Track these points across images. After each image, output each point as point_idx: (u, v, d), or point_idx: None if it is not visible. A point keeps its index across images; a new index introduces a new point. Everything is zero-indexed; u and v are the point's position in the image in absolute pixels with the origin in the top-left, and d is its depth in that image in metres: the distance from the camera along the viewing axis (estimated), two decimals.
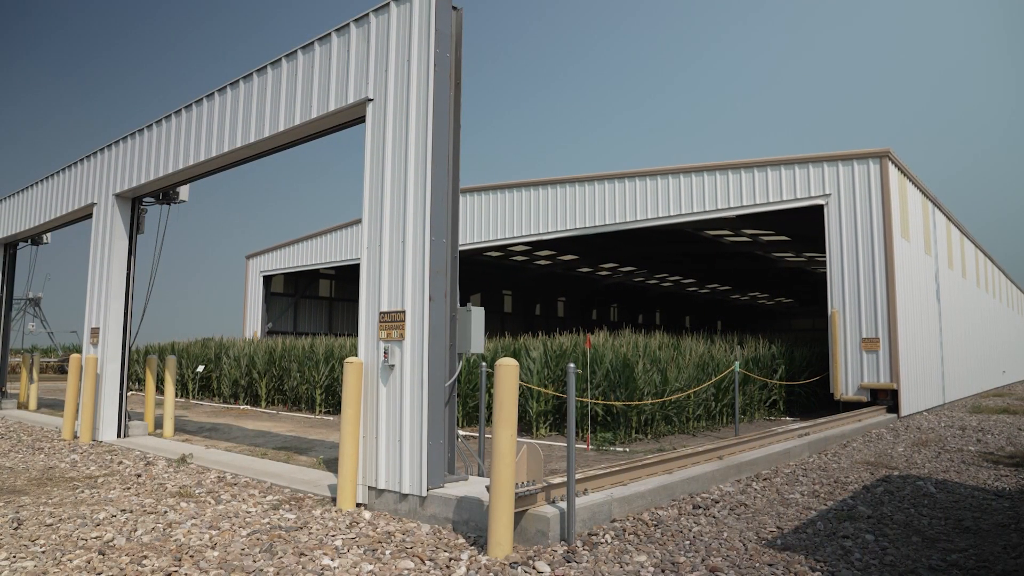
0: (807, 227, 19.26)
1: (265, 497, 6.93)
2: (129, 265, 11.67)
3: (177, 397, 21.01)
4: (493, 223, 22.67)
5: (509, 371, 5.25)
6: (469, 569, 4.72)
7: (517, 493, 5.13)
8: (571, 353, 12.55)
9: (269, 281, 31.95)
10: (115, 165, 11.76)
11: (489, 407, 11.64)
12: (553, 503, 5.58)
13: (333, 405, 16.72)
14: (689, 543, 5.33)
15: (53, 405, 16.93)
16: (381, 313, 6.66)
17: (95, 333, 11.52)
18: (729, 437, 10.18)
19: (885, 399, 14.56)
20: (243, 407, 18.15)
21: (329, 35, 7.73)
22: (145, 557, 4.89)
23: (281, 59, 8.42)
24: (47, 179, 14.06)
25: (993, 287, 29.39)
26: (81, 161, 12.85)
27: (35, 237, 15.84)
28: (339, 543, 5.28)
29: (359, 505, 6.54)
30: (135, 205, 11.83)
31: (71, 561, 4.80)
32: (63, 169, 13.48)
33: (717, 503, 6.64)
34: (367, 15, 7.27)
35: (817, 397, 17.11)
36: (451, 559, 4.93)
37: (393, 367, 6.47)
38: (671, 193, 18.27)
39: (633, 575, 4.63)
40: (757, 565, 4.81)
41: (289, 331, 32.31)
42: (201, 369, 18.56)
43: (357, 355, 6.85)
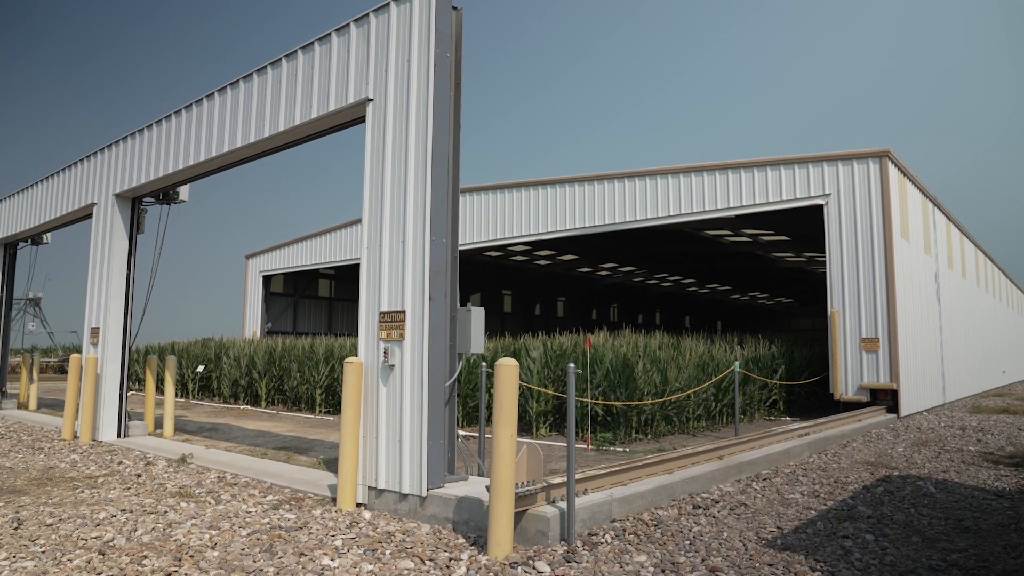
0: (807, 227, 19.27)
1: (265, 497, 6.93)
2: (129, 265, 11.68)
3: (177, 397, 21.01)
4: (493, 223, 22.67)
5: (509, 371, 5.25)
6: (469, 569, 4.72)
7: (517, 493, 5.13)
8: (571, 353, 12.55)
9: (269, 281, 31.94)
10: (115, 165, 11.76)
11: (489, 407, 11.64)
12: (553, 503, 5.58)
13: (333, 405, 16.72)
14: (689, 543, 5.33)
15: (53, 405, 16.93)
16: (381, 313, 6.66)
17: (95, 333, 11.52)
18: (729, 437, 10.18)
19: (885, 399, 14.56)
20: (243, 407, 18.15)
21: (329, 35, 7.73)
22: (145, 557, 4.89)
23: (281, 59, 8.42)
24: (47, 179, 14.06)
25: (993, 287, 29.40)
26: (81, 161, 12.85)
27: (35, 237, 15.84)
28: (339, 543, 5.28)
29: (359, 505, 6.54)
30: (135, 205, 11.83)
31: (71, 561, 4.80)
32: (63, 169, 13.48)
33: (717, 503, 6.64)
34: (367, 15, 7.28)
35: (817, 397, 17.11)
36: (451, 559, 4.94)
37: (393, 367, 6.47)
38: (671, 193, 18.27)
39: (633, 575, 4.63)
40: (757, 565, 4.81)
41: (288, 331, 32.31)
42: (201, 369, 18.56)
43: (357, 355, 6.85)
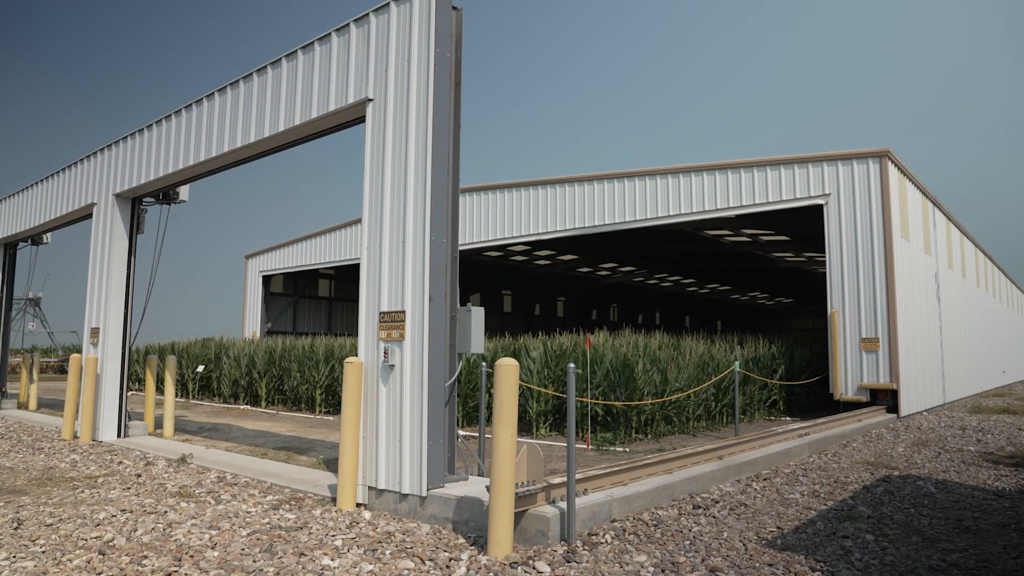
0: (807, 227, 19.27)
1: (265, 497, 6.93)
2: (129, 265, 11.67)
3: (177, 397, 21.01)
4: (493, 223, 22.67)
5: (509, 371, 5.25)
6: (469, 569, 4.72)
7: (517, 493, 5.13)
8: (571, 353, 12.55)
9: (268, 281, 31.94)
10: (115, 165, 11.76)
11: (489, 407, 11.64)
12: (553, 503, 5.58)
13: (333, 405, 16.72)
14: (689, 543, 5.33)
15: (53, 405, 16.93)
16: (381, 313, 6.66)
17: (95, 333, 11.52)
18: (729, 437, 10.18)
19: (885, 399, 14.56)
20: (243, 407, 18.15)
21: (329, 35, 7.73)
22: (145, 557, 4.89)
23: (281, 59, 8.42)
24: (47, 179, 14.06)
25: (993, 287, 29.40)
26: (81, 161, 12.85)
27: (35, 237, 15.84)
28: (339, 543, 5.28)
29: (359, 505, 6.54)
30: (135, 205, 11.83)
31: (71, 561, 4.80)
32: (63, 169, 13.48)
33: (717, 503, 6.64)
34: (367, 15, 7.27)
35: (817, 397, 17.11)
36: (451, 559, 4.94)
37: (393, 367, 6.47)
38: (671, 193, 18.27)
39: (633, 575, 4.63)
40: (757, 565, 4.81)
41: (288, 331, 32.31)
42: (201, 369, 18.55)
43: (357, 355, 6.85)
